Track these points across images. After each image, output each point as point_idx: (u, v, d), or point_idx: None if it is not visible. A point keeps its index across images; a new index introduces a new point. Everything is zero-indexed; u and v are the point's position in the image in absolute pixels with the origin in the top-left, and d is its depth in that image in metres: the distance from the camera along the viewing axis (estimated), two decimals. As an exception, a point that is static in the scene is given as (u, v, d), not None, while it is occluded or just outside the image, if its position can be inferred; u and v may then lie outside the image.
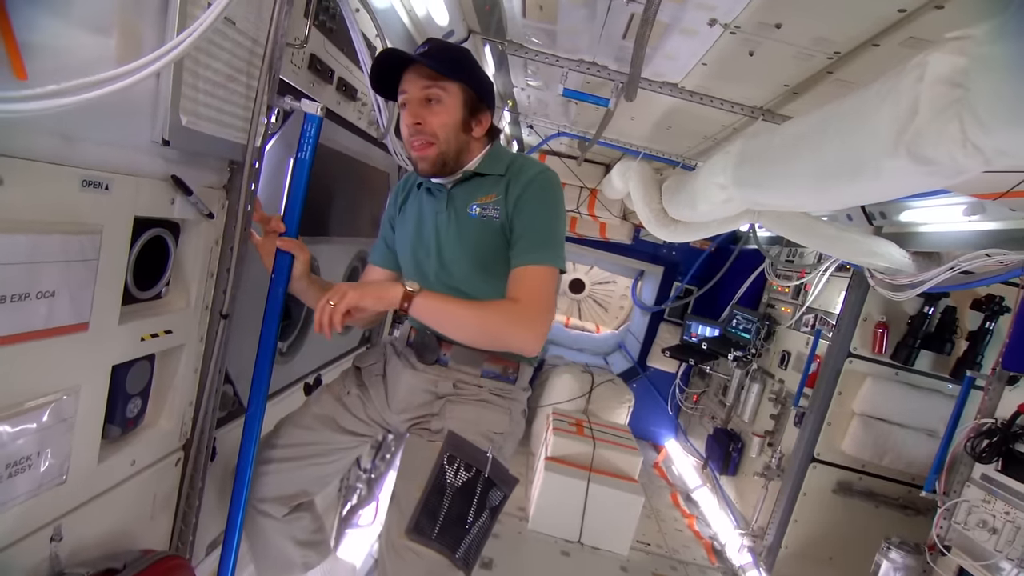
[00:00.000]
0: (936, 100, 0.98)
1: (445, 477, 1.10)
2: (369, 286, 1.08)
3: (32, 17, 0.61)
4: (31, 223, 0.68)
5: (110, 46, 0.72)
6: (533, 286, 1.09)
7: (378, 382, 1.30)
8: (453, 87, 1.14)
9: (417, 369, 1.24)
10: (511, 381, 1.25)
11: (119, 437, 0.96)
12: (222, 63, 0.92)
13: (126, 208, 0.82)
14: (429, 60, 1.11)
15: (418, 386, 1.23)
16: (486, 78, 1.22)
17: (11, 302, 0.67)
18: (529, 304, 1.08)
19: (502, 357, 1.23)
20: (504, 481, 1.15)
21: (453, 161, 1.17)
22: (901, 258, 2.41)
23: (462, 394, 1.21)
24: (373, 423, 1.31)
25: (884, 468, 2.90)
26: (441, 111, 1.14)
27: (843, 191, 1.33)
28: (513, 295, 1.10)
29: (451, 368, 1.22)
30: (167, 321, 0.98)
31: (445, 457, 1.11)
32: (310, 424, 1.29)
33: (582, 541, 3.12)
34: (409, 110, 1.15)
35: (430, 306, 1.07)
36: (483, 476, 1.11)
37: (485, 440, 1.17)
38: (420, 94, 1.13)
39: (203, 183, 0.99)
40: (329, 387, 1.36)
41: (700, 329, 4.21)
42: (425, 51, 1.14)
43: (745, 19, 1.46)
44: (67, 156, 0.71)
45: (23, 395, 0.73)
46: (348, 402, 1.30)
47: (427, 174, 1.19)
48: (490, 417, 1.19)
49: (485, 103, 1.20)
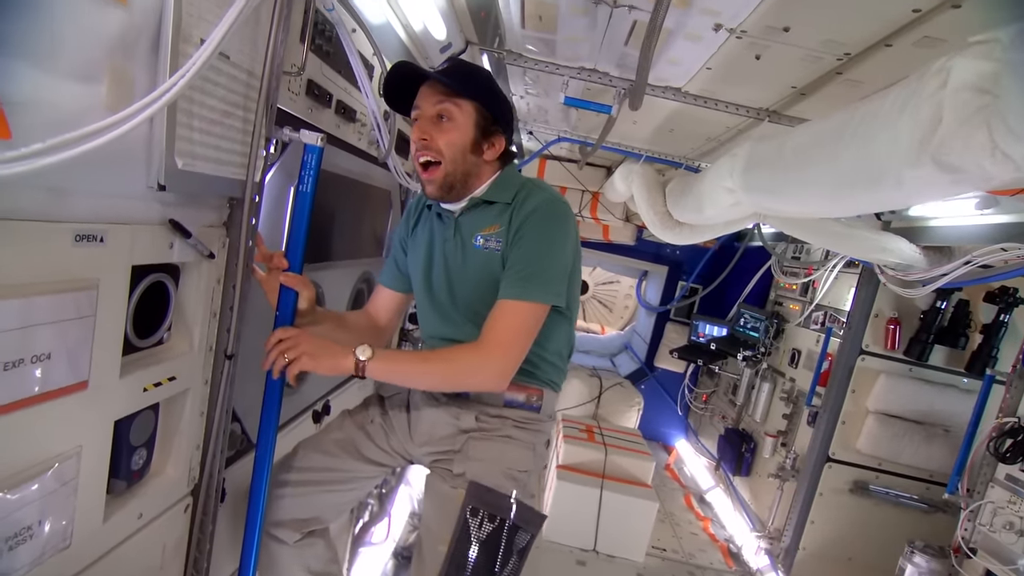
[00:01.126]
0: (962, 107, 0.94)
1: (469, 531, 1.07)
2: (325, 353, 1.03)
3: (13, 71, 0.57)
4: (22, 286, 0.64)
5: (100, 93, 0.68)
6: (502, 325, 1.06)
7: (402, 413, 1.27)
8: (467, 105, 1.11)
9: (439, 402, 1.21)
10: (535, 409, 1.21)
11: (124, 491, 0.92)
12: (217, 99, 0.88)
13: (123, 258, 0.78)
14: (445, 75, 1.09)
15: (440, 420, 1.20)
16: (505, 101, 1.18)
17: (4, 371, 0.64)
18: (491, 344, 1.05)
19: (524, 384, 1.19)
20: (530, 522, 1.12)
21: (461, 184, 1.14)
22: (912, 253, 2.37)
23: (485, 429, 1.17)
24: (396, 454, 1.28)
25: (901, 466, 2.86)
26: (451, 128, 1.10)
27: (861, 199, 1.29)
28: (486, 330, 1.07)
29: (472, 399, 1.19)
30: (170, 367, 0.95)
31: (468, 510, 1.08)
32: (331, 450, 1.26)
33: (597, 549, 3.08)
34: (418, 125, 1.12)
35: (384, 369, 1.06)
36: (508, 524, 1.08)
37: (509, 481, 1.14)
38: (432, 110, 1.10)
39: (202, 223, 0.95)
40: (352, 414, 1.33)
41: (708, 329, 4.17)
42: (444, 69, 1.13)
43: (752, 24, 1.42)
44: (58, 211, 0.68)
45: (22, 464, 0.70)
46: (371, 431, 1.27)
47: (434, 198, 1.16)
48: (513, 455, 1.16)
49: (500, 125, 1.16)
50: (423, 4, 1.57)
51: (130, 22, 0.71)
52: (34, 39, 0.59)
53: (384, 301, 1.37)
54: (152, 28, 0.74)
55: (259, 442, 1.16)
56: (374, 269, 1.92)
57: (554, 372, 1.25)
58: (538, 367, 1.21)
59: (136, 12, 0.71)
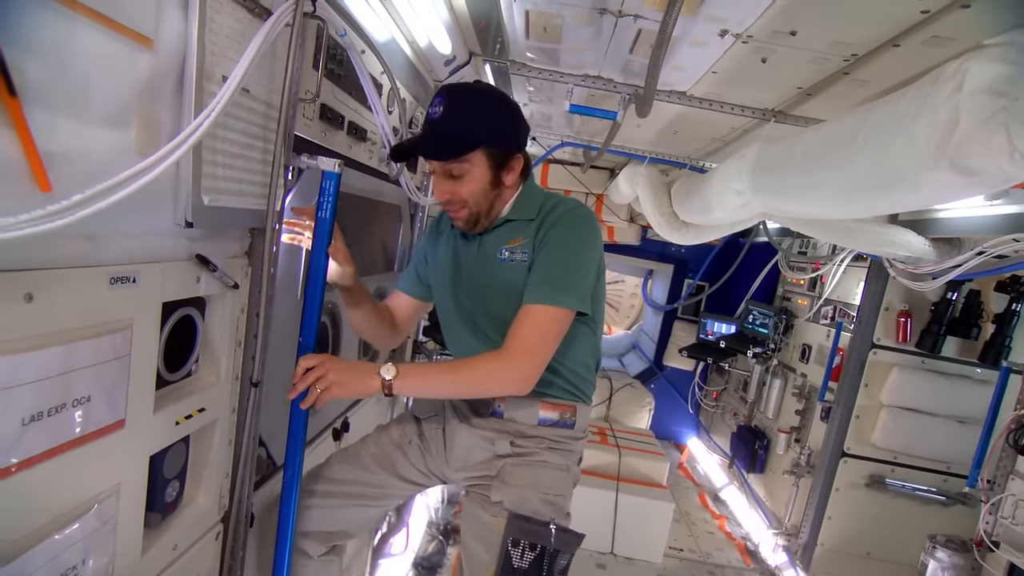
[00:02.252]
0: (979, 110, 0.94)
1: (512, 561, 1.08)
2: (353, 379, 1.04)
3: (51, 124, 0.58)
4: (63, 333, 0.65)
5: (129, 138, 0.69)
6: (526, 329, 1.06)
7: (438, 435, 1.27)
8: (475, 156, 1.10)
9: (473, 425, 1.21)
10: (570, 426, 1.21)
11: (159, 523, 0.93)
12: (238, 133, 0.88)
13: (154, 296, 0.79)
14: (439, 151, 1.09)
15: (475, 444, 1.20)
16: (509, 118, 1.14)
17: (48, 416, 0.64)
18: (515, 350, 1.05)
19: (556, 402, 1.19)
20: (568, 544, 1.12)
21: (486, 217, 1.17)
22: (920, 246, 2.36)
23: (520, 453, 1.17)
24: (432, 475, 1.28)
25: (917, 458, 2.85)
26: (469, 181, 1.12)
27: (875, 201, 1.30)
28: (511, 336, 1.07)
29: (507, 420, 1.19)
30: (199, 399, 0.95)
31: (509, 541, 1.09)
32: (367, 464, 1.26)
33: (615, 552, 3.08)
34: (437, 184, 1.14)
35: (410, 384, 1.07)
36: (548, 551, 1.09)
37: (546, 506, 1.14)
38: (443, 169, 1.12)
39: (226, 255, 0.96)
40: (387, 431, 1.32)
41: (716, 326, 4.17)
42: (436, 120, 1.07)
43: (758, 29, 1.42)
44: (93, 256, 0.68)
45: (66, 504, 0.70)
46: (409, 451, 1.27)
47: (461, 229, 1.20)
48: (550, 479, 1.16)
49: (513, 144, 1.14)
50: (428, 20, 1.58)
51: (156, 64, 0.71)
52: (68, 89, 0.60)
53: (401, 304, 1.38)
54: (176, 68, 0.75)
55: (286, 466, 1.16)
56: (388, 284, 1.92)
57: (585, 385, 1.24)
58: (569, 381, 1.21)
59: (161, 54, 0.72)
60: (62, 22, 0.58)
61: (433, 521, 2.87)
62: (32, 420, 0.62)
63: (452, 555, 2.76)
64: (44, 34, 0.56)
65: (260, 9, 0.88)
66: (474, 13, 1.67)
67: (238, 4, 0.83)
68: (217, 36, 0.79)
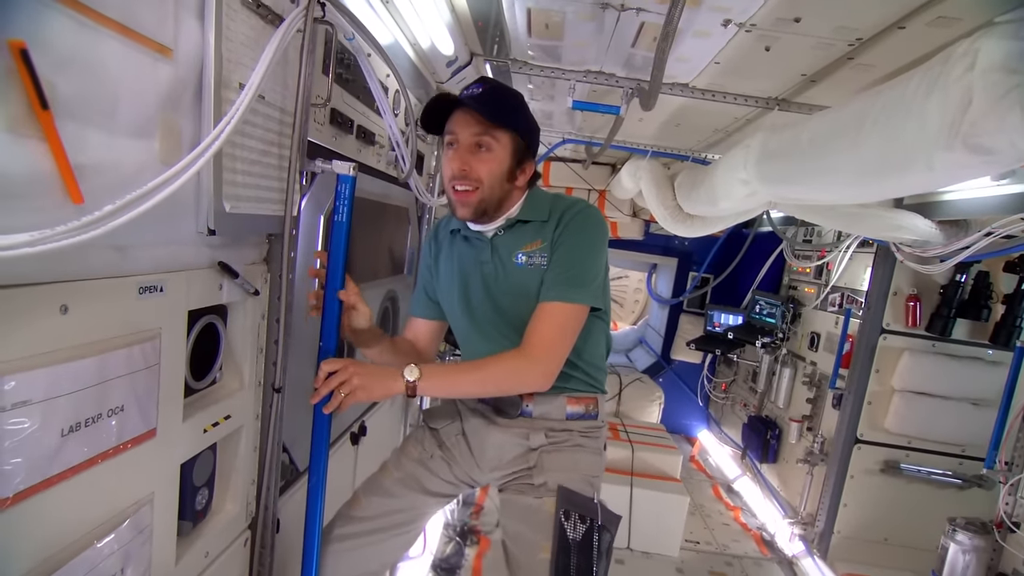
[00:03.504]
0: (992, 88, 0.94)
1: (567, 533, 1.08)
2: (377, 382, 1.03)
3: (80, 136, 0.58)
4: (96, 343, 0.65)
5: (153, 148, 0.69)
6: (545, 326, 1.09)
7: (460, 442, 1.26)
8: (504, 136, 1.10)
9: (501, 425, 1.21)
10: (594, 417, 1.23)
11: (191, 531, 0.94)
12: (255, 139, 0.89)
13: (181, 305, 0.79)
14: (484, 107, 1.07)
15: (508, 442, 1.20)
16: (535, 125, 1.18)
17: (85, 427, 0.65)
18: (535, 346, 1.08)
19: (580, 396, 1.21)
20: (612, 522, 1.13)
21: (493, 210, 1.14)
22: (927, 229, 2.35)
23: (555, 442, 1.18)
24: (460, 483, 1.28)
25: (931, 442, 2.84)
26: (490, 159, 1.10)
27: (887, 184, 1.29)
28: (529, 334, 1.09)
29: (536, 418, 1.20)
30: (225, 407, 0.96)
31: (562, 513, 1.09)
32: (395, 491, 1.24)
33: (631, 547, 3.08)
34: (458, 154, 1.10)
35: (434, 384, 1.07)
36: (597, 524, 1.09)
37: (588, 486, 1.15)
38: (471, 140, 1.09)
39: (245, 261, 0.97)
40: (404, 450, 1.31)
41: (723, 318, 4.16)
42: (479, 94, 1.08)
43: (762, 17, 1.42)
44: (122, 267, 0.69)
45: (102, 516, 0.71)
46: (433, 466, 1.26)
47: (465, 219, 1.15)
48: (587, 461, 1.18)
49: (531, 151, 1.17)
50: (430, 21, 1.58)
51: (175, 73, 0.72)
52: (95, 101, 0.61)
53: (420, 331, 1.34)
54: (195, 76, 0.76)
55: (311, 470, 1.16)
56: (398, 287, 1.93)
57: (602, 376, 1.27)
58: (588, 375, 1.23)
59: (180, 63, 0.72)
60: (88, 35, 0.58)
61: (450, 523, 2.88)
62: (71, 431, 0.62)
63: (470, 556, 2.76)
64: (71, 47, 0.56)
65: (272, 16, 0.88)
66: (475, 13, 1.67)
67: (251, 11, 0.83)
68: (233, 44, 0.80)
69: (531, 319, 1.10)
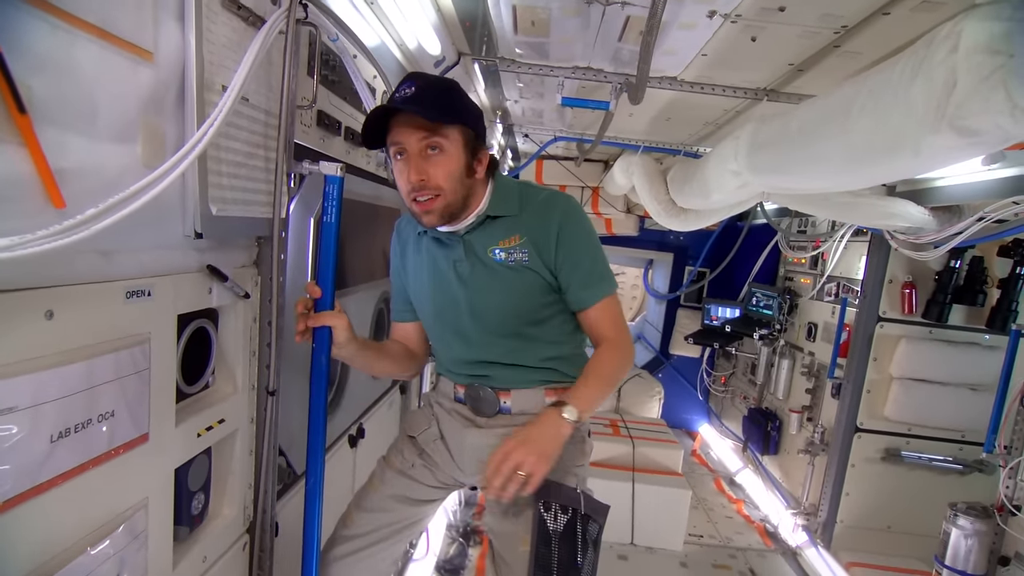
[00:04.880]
0: (976, 69, 0.94)
1: (547, 525, 1.08)
2: (548, 444, 1.04)
3: (60, 140, 0.58)
4: (84, 348, 0.65)
5: (135, 152, 0.69)
6: (608, 322, 1.18)
7: (439, 446, 1.26)
8: (452, 131, 1.04)
9: (480, 426, 1.21)
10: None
11: (188, 536, 0.93)
12: (240, 142, 0.89)
13: (169, 309, 0.79)
14: (424, 107, 0.99)
15: (486, 443, 1.19)
16: (478, 110, 1.12)
17: (75, 432, 0.65)
18: (620, 338, 1.18)
19: (559, 387, 1.20)
20: (597, 511, 1.12)
21: (460, 209, 1.09)
22: (920, 215, 2.36)
23: None
24: (445, 486, 1.28)
25: (931, 428, 2.85)
26: (445, 160, 1.03)
27: (876, 170, 1.30)
28: (602, 334, 1.17)
29: (515, 414, 1.19)
30: (219, 411, 0.96)
31: (541, 504, 1.09)
32: (383, 505, 1.24)
33: (635, 542, 3.08)
34: (411, 165, 1.03)
35: (588, 412, 1.12)
36: (580, 514, 1.09)
37: (570, 476, 1.15)
38: (419, 145, 1.02)
39: (235, 264, 0.96)
40: (387, 462, 1.30)
41: (720, 311, 4.17)
42: (412, 94, 1.00)
43: (746, 7, 1.42)
44: (108, 271, 0.69)
45: (95, 522, 0.71)
46: (415, 475, 1.26)
47: (433, 226, 1.10)
48: (567, 452, 1.15)
49: (481, 139, 1.11)
50: (416, 21, 1.58)
51: (157, 77, 0.72)
52: (75, 105, 0.60)
53: (410, 332, 1.32)
54: (177, 79, 0.75)
55: (308, 473, 1.16)
56: (390, 288, 1.93)
57: (581, 363, 1.24)
58: (569, 364, 1.22)
59: (162, 66, 0.72)
60: (64, 38, 0.58)
61: (452, 524, 2.87)
62: (60, 437, 0.62)
63: (474, 557, 2.76)
64: (48, 51, 0.56)
65: (254, 18, 0.88)
66: (461, 12, 1.67)
67: (232, 14, 0.83)
68: (214, 46, 0.79)
69: (591, 324, 1.18)
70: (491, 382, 1.19)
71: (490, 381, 1.19)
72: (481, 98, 2.50)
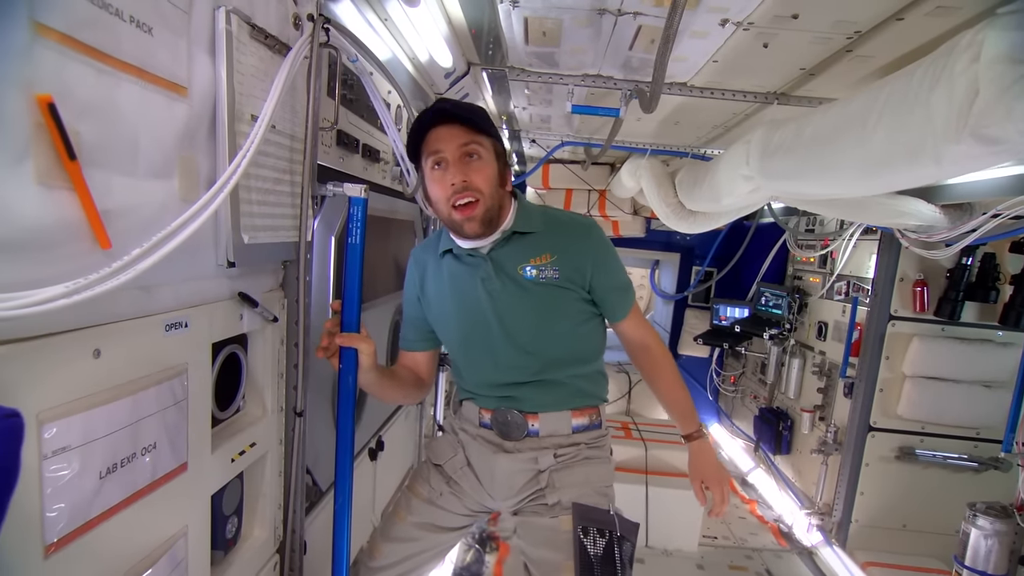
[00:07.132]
0: (998, 79, 0.94)
1: (587, 550, 1.08)
2: (719, 464, 1.31)
3: (106, 182, 0.59)
4: (128, 384, 0.66)
5: (173, 187, 0.70)
6: (642, 329, 1.28)
7: (467, 473, 1.25)
8: (487, 141, 1.12)
9: (509, 451, 1.20)
10: (599, 427, 1.24)
11: (222, 560, 0.94)
12: (268, 168, 0.89)
13: (204, 338, 0.80)
14: (463, 117, 1.08)
15: (517, 468, 1.19)
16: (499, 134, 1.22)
17: (121, 467, 0.65)
18: (654, 341, 1.29)
19: (584, 407, 1.21)
20: (630, 531, 1.14)
21: (496, 217, 1.12)
22: (931, 214, 2.35)
23: (564, 459, 1.18)
24: (474, 513, 1.29)
25: (945, 426, 2.84)
26: (483, 166, 1.09)
27: (895, 177, 1.29)
28: (641, 342, 1.27)
29: (543, 437, 1.19)
30: (250, 434, 0.96)
31: (579, 530, 1.09)
32: (411, 534, 1.24)
33: (650, 545, 3.08)
34: (452, 169, 1.08)
35: (696, 416, 1.32)
36: (616, 536, 1.10)
37: (602, 497, 1.16)
38: (459, 151, 1.08)
39: (263, 289, 0.97)
40: (413, 492, 1.29)
41: (729, 311, 4.16)
42: (449, 109, 1.09)
43: (760, 15, 1.42)
44: (148, 306, 0.69)
45: (140, 552, 0.71)
46: (443, 503, 1.26)
47: (474, 234, 1.12)
48: (597, 473, 1.18)
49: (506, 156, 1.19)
50: (428, 35, 1.59)
51: (191, 110, 0.72)
52: (118, 146, 0.61)
53: (419, 360, 1.31)
54: (209, 112, 0.76)
55: (337, 490, 1.16)
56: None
57: (604, 382, 1.29)
58: (592, 382, 1.24)
59: (195, 99, 0.73)
60: (108, 82, 0.59)
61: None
62: (108, 472, 0.63)
63: (491, 563, 2.76)
64: (94, 96, 0.57)
65: (280, 45, 0.89)
66: (472, 24, 1.67)
67: (260, 43, 0.84)
68: (244, 76, 0.80)
69: (628, 332, 1.26)
70: (519, 404, 1.19)
71: (518, 404, 1.19)
72: (489, 105, 2.50)
